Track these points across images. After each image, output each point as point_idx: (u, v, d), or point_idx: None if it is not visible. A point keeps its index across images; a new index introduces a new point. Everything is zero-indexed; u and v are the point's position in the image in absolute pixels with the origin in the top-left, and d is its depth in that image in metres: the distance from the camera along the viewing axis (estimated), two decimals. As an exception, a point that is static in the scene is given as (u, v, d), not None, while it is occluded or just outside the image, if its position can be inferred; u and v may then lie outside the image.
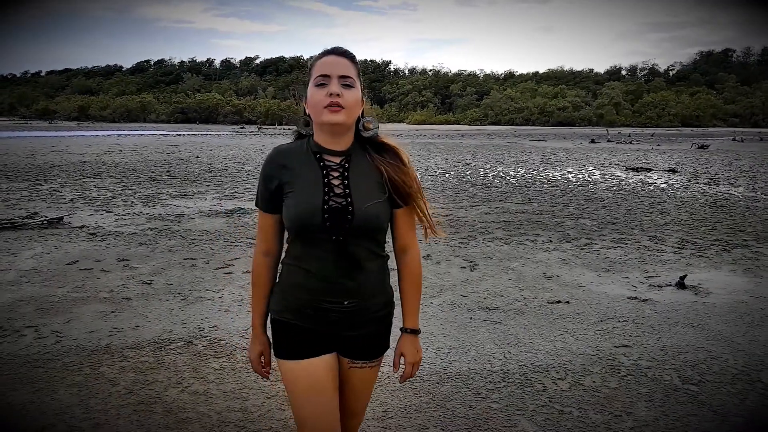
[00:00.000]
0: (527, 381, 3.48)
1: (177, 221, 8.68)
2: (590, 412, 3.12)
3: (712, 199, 11.65)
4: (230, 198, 11.20)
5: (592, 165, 19.71)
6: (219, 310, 4.70)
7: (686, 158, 23.12)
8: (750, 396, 3.30)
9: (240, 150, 26.37)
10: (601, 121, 77.66)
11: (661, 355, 3.87)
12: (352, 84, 1.67)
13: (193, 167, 17.68)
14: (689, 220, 9.16)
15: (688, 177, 15.92)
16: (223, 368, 3.61)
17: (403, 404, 3.18)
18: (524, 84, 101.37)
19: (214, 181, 13.98)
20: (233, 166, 18.23)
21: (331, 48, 1.72)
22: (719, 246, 7.25)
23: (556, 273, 5.93)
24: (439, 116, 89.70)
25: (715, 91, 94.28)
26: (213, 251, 6.72)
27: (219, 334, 4.17)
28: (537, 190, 12.80)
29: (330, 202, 1.67)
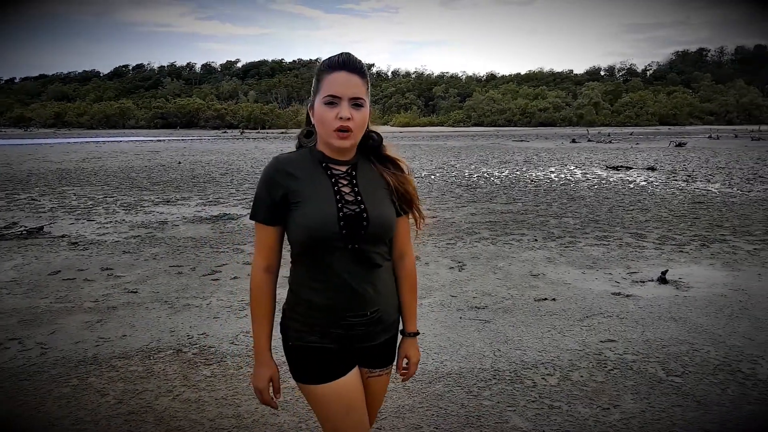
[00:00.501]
0: (517, 377, 3.53)
1: (161, 228, 8.62)
2: (579, 405, 3.18)
3: (690, 195, 11.84)
4: (214, 204, 11.15)
5: (574, 164, 19.92)
6: (207, 317, 4.69)
7: (664, 156, 23.46)
8: (731, 386, 3.38)
9: (223, 155, 26.24)
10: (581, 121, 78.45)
11: (645, 349, 3.94)
12: (362, 104, 1.64)
13: (175, 173, 17.56)
14: (669, 216, 9.31)
15: (666, 175, 16.16)
16: (214, 375, 3.61)
17: (396, 404, 3.21)
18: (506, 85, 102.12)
19: (197, 187, 13.90)
20: (216, 171, 18.14)
21: (342, 60, 1.64)
22: (698, 241, 7.39)
23: (542, 271, 6.01)
24: (422, 118, 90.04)
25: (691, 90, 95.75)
26: (199, 258, 6.70)
27: (209, 342, 4.16)
28: (521, 190, 12.91)
29: (344, 209, 1.64)
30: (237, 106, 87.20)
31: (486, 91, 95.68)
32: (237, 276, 5.87)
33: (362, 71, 1.65)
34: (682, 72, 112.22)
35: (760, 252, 6.74)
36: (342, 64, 1.63)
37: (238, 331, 4.32)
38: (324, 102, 1.61)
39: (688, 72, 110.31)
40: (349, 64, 1.63)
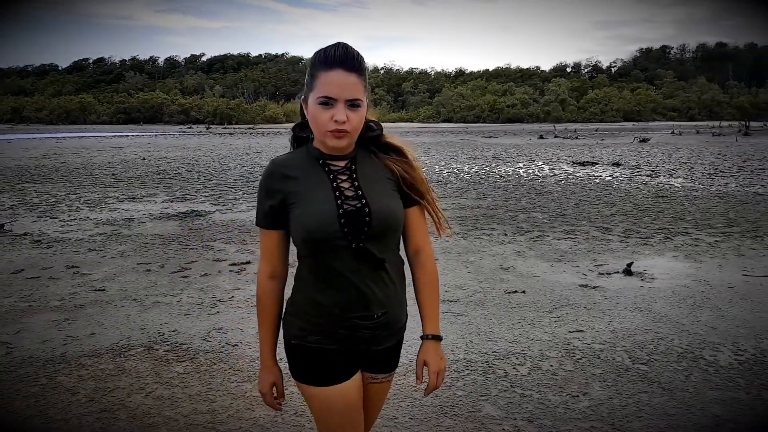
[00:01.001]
0: (489, 368, 3.60)
1: (127, 225, 8.48)
2: (549, 394, 3.26)
3: (653, 190, 12.15)
4: (181, 200, 11.00)
5: (542, 160, 20.22)
6: (178, 314, 4.64)
7: (629, 152, 23.98)
8: (694, 372, 3.50)
9: (189, 150, 25.86)
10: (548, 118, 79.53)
11: (612, 338, 4.05)
12: (359, 104, 1.54)
13: (139, 169, 17.25)
14: (633, 210, 9.54)
15: (631, 170, 16.53)
16: (187, 372, 3.58)
17: (369, 397, 3.23)
18: (474, 82, 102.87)
19: (163, 183, 13.68)
20: (182, 167, 17.88)
21: (338, 56, 1.52)
22: (662, 234, 7.60)
23: (512, 264, 6.10)
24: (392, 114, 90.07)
25: (654, 86, 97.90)
26: (167, 255, 6.62)
27: (180, 338, 4.12)
28: (490, 186, 13.06)
29: (344, 206, 1.56)
30: (202, 100, 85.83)
31: (455, 87, 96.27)
32: (207, 273, 5.81)
33: (360, 68, 1.55)
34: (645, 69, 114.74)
35: (720, 244, 6.96)
36: (338, 61, 1.52)
37: (210, 328, 4.30)
38: (318, 102, 1.53)
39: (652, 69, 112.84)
40: (345, 61, 1.52)
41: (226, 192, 12.13)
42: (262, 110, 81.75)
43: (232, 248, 6.91)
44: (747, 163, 18.06)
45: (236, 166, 18.38)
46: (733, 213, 9.11)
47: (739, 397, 3.18)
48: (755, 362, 3.63)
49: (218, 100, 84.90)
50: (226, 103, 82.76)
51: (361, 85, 1.55)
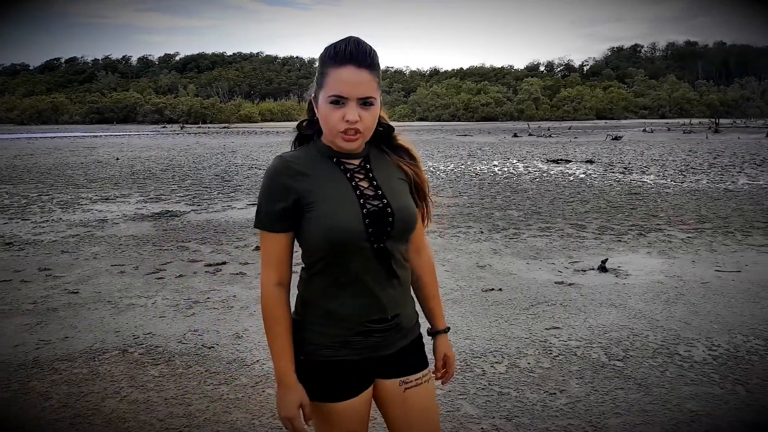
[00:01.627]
0: (467, 366, 3.61)
1: (100, 227, 8.33)
2: (527, 391, 3.28)
3: (626, 187, 12.33)
4: (156, 201, 10.84)
5: (516, 158, 20.38)
6: (153, 316, 4.57)
7: (602, 149, 24.30)
8: (669, 368, 3.56)
9: (163, 150, 25.51)
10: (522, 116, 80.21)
11: (588, 335, 4.10)
12: (372, 102, 1.45)
13: (113, 169, 16.97)
14: (607, 207, 9.67)
15: (604, 167, 16.75)
16: (162, 375, 3.53)
17: (348, 398, 3.22)
18: (449, 81, 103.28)
19: (137, 184, 13.48)
20: (157, 167, 17.63)
21: (349, 52, 1.43)
22: (635, 231, 7.71)
23: (488, 262, 6.14)
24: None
25: (626, 84, 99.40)
26: (142, 256, 6.51)
27: (155, 341, 4.06)
28: (466, 184, 13.12)
29: (366, 205, 1.48)
30: (176, 100, 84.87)
31: (430, 86, 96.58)
32: (182, 274, 5.74)
33: (372, 64, 1.45)
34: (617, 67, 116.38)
35: (693, 240, 7.09)
36: (350, 57, 1.42)
37: (186, 330, 4.24)
38: (329, 101, 1.43)
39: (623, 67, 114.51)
40: (357, 57, 1.42)
41: (201, 192, 11.99)
42: (237, 109, 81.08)
43: (208, 249, 6.83)
44: (717, 159, 18.44)
45: (211, 165, 18.18)
46: (705, 209, 9.29)
47: (713, 391, 3.24)
48: (729, 357, 3.70)
49: (192, 100, 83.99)
50: (201, 102, 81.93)
51: (374, 82, 1.46)
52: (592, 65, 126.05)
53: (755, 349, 3.82)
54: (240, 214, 9.33)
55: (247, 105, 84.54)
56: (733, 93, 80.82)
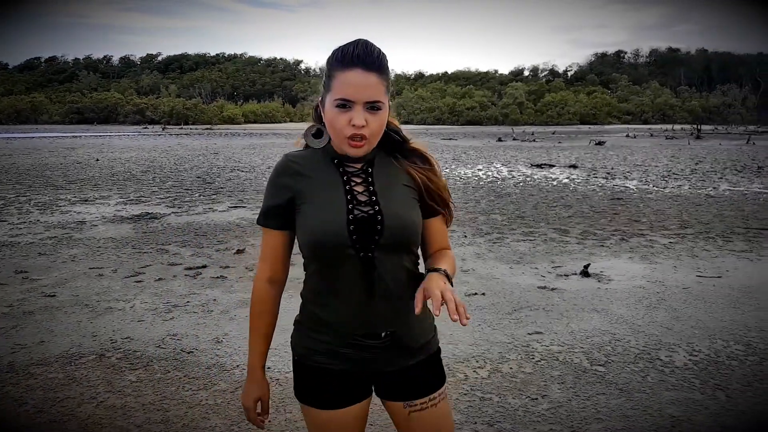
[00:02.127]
0: (450, 371, 3.59)
1: (79, 229, 8.20)
2: (509, 397, 3.26)
3: (609, 192, 12.42)
4: (136, 202, 10.70)
5: (500, 162, 20.47)
6: (131, 320, 4.49)
7: (585, 154, 24.50)
8: (651, 373, 3.56)
9: (144, 151, 25.25)
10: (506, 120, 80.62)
11: (570, 340, 4.10)
12: (380, 107, 1.40)
13: (93, 171, 16.74)
14: (590, 212, 9.73)
15: (587, 172, 16.88)
16: (140, 380, 3.46)
17: (329, 403, 3.18)
18: (434, 84, 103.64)
19: (117, 185, 13.31)
20: (137, 168, 17.44)
21: (357, 55, 1.39)
22: (618, 236, 7.76)
23: (472, 267, 6.13)
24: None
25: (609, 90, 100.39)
26: (120, 259, 6.41)
27: (133, 346, 3.99)
28: (450, 188, 13.05)
29: (354, 211, 1.43)
30: (158, 100, 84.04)
31: (415, 90, 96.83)
32: (161, 277, 5.65)
33: (381, 67, 1.41)
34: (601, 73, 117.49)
35: (675, 245, 7.15)
36: (357, 59, 1.38)
37: (165, 334, 4.17)
38: (335, 105, 1.39)
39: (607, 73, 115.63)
40: (365, 59, 1.39)
41: (182, 194, 11.87)
42: (219, 111, 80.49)
43: (188, 252, 6.75)
44: (699, 165, 18.67)
45: (193, 167, 18.02)
46: (687, 215, 9.38)
47: (694, 397, 3.25)
48: (709, 362, 3.73)
49: (174, 100, 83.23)
50: (183, 103, 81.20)
51: (382, 86, 1.41)
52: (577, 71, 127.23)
53: (735, 355, 3.84)
54: (221, 216, 9.24)
55: (230, 106, 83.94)
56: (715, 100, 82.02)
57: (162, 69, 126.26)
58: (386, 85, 1.43)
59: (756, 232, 7.91)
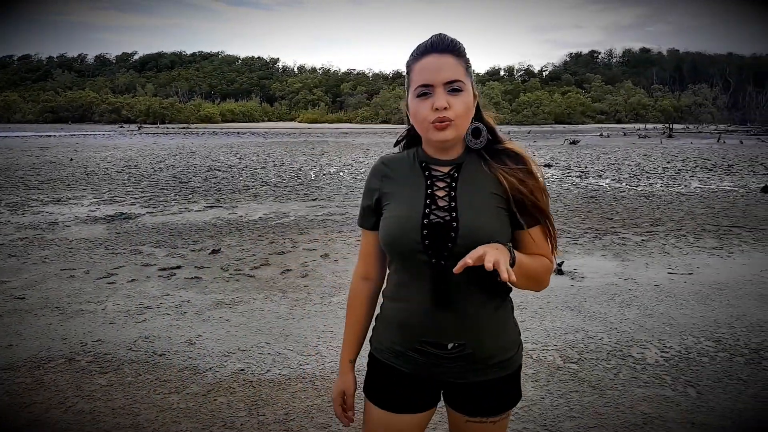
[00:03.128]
0: (424, 372, 3.58)
1: (51, 229, 8.04)
2: (484, 396, 3.27)
3: (583, 190, 12.56)
4: (110, 203, 10.54)
5: (477, 161, 20.58)
6: (103, 322, 4.41)
7: (560, 153, 24.75)
8: (623, 370, 3.60)
9: (119, 151, 24.88)
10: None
11: (543, 337, 4.13)
12: (461, 87, 1.37)
13: (67, 170, 16.44)
14: (564, 210, 9.82)
15: (561, 171, 17.05)
16: (110, 384, 3.40)
17: (305, 405, 3.16)
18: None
19: (91, 185, 13.09)
20: (112, 168, 17.17)
21: (429, 43, 1.39)
22: (591, 234, 7.85)
23: (448, 266, 6.14)
24: (330, 115, 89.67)
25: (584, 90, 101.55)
26: (93, 260, 6.30)
27: (104, 348, 3.92)
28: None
29: (431, 216, 1.39)
30: (134, 99, 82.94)
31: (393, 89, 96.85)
32: (134, 279, 5.57)
33: (456, 50, 1.38)
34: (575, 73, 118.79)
35: (647, 243, 7.25)
36: (430, 46, 1.38)
37: (136, 337, 4.10)
38: (416, 94, 1.38)
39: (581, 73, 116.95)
40: (438, 44, 1.38)
41: (158, 194, 11.71)
42: (196, 110, 79.68)
43: (162, 252, 6.66)
44: (671, 164, 18.97)
45: (168, 166, 17.81)
46: (659, 212, 9.52)
47: (665, 393, 3.29)
48: (680, 359, 3.78)
49: (151, 99, 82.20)
50: (159, 102, 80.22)
51: (460, 66, 1.38)
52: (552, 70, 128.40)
53: (705, 351, 3.91)
54: (197, 216, 9.14)
55: (207, 105, 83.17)
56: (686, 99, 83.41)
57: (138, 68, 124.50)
58: (465, 67, 1.40)
59: (726, 230, 8.06)
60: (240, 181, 14.08)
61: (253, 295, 5.08)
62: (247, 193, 11.83)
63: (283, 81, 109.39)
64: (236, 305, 4.82)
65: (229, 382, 3.41)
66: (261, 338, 4.10)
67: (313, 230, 8.01)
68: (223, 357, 3.77)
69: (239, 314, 4.60)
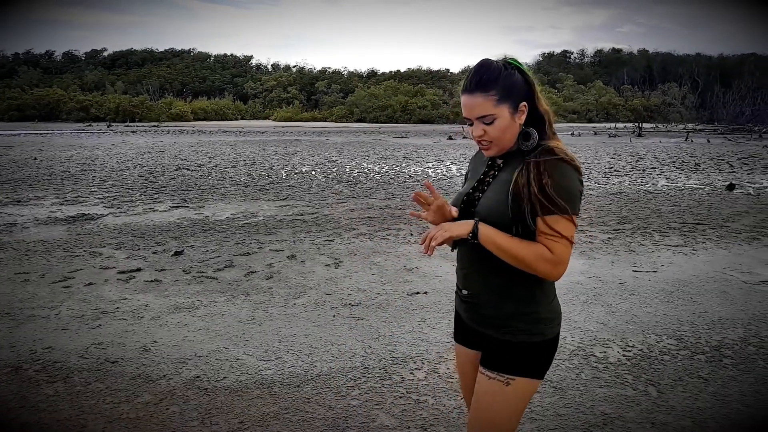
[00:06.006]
0: (386, 374, 3.52)
1: (8, 231, 7.78)
2: (444, 398, 3.22)
3: (554, 188, 12.61)
4: (72, 203, 10.25)
5: (450, 160, 20.59)
6: (55, 328, 4.25)
7: (533, 151, 24.89)
8: (585, 370, 3.58)
9: (86, 150, 24.32)
10: (457, 119, 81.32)
11: (509, 339, 4.08)
12: (491, 120, 1.72)
13: (29, 170, 16.00)
14: (535, 209, 9.83)
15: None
16: (57, 394, 3.26)
17: (260, 412, 3.07)
18: (387, 82, 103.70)
19: (54, 185, 12.74)
20: (77, 167, 16.76)
21: (464, 84, 1.75)
22: (560, 232, 7.85)
23: (416, 265, 6.09)
24: (305, 113, 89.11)
25: (556, 89, 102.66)
26: (50, 263, 6.10)
27: (54, 356, 3.76)
28: (400, 186, 13.11)
29: (475, 193, 1.85)
30: (103, 97, 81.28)
31: (368, 88, 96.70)
32: (92, 282, 5.40)
33: (480, 85, 1.71)
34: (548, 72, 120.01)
35: (613, 240, 7.29)
36: (464, 88, 1.75)
37: (89, 343, 3.96)
38: (466, 122, 1.79)
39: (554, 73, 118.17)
40: (467, 86, 1.73)
41: (123, 194, 11.44)
42: (168, 107, 78.48)
43: (123, 254, 6.48)
44: (639, 162, 19.22)
45: (136, 166, 17.46)
46: (626, 210, 9.61)
47: (626, 393, 3.27)
48: (642, 357, 3.77)
49: (120, 97, 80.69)
50: (129, 100, 78.82)
51: (488, 101, 1.71)
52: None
53: (667, 349, 3.91)
54: (161, 217, 8.94)
55: (178, 103, 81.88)
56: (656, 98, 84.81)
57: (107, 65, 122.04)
58: (495, 98, 1.71)
59: (691, 227, 8.16)
60: (209, 180, 13.85)
61: (214, 298, 4.96)
62: (216, 193, 11.63)
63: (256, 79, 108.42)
64: (196, 309, 4.69)
65: (183, 390, 3.30)
66: (219, 343, 3.99)
67: (282, 230, 7.89)
68: (178, 363, 3.65)
69: (198, 318, 4.47)
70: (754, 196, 11.48)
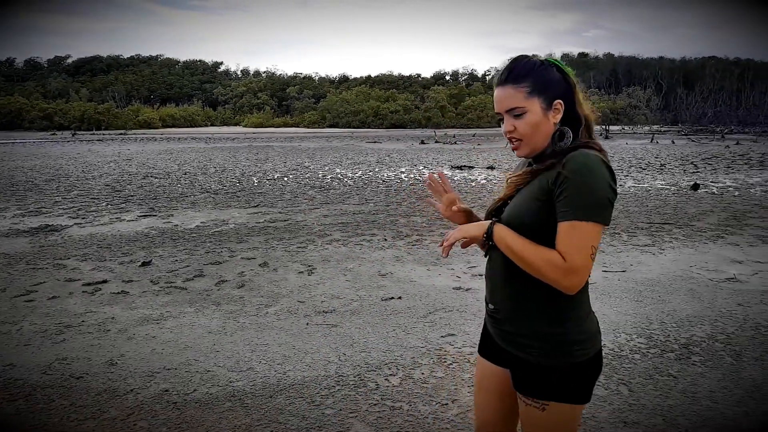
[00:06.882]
0: (361, 381, 3.48)
1: (-32, 244, 7.53)
2: (419, 404, 3.19)
3: (525, 191, 12.74)
4: (35, 214, 9.98)
5: (423, 165, 20.68)
6: (17, 344, 4.11)
7: (502, 156, 25.14)
8: (558, 371, 3.59)
9: (49, 159, 23.76)
10: (429, 123, 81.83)
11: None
12: (521, 112, 1.62)
13: (-9, 181, 15.55)
14: (506, 211, 9.91)
15: (504, 173, 17.28)
16: (18, 413, 3.14)
17: (232, 425, 3.00)
18: (358, 88, 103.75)
19: (16, 196, 12.40)
20: (40, 177, 16.35)
21: (496, 77, 1.69)
22: (532, 234, 7.92)
23: (390, 270, 6.07)
24: (276, 119, 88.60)
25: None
26: (12, 277, 5.91)
27: (15, 373, 3.63)
28: (373, 191, 13.09)
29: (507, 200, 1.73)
30: (68, 105, 79.63)
31: (339, 93, 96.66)
32: (56, 295, 5.24)
33: (512, 77, 1.63)
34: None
35: (582, 242, 7.36)
36: (496, 81, 1.68)
37: (53, 359, 3.83)
38: (497, 120, 1.70)
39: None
40: (499, 78, 1.67)
41: (88, 204, 11.19)
42: (135, 115, 77.25)
43: (88, 266, 6.31)
44: (606, 164, 19.54)
45: (102, 175, 17.11)
46: (595, 212, 9.72)
47: (598, 393, 3.29)
48: (613, 357, 3.81)
49: (85, 105, 79.12)
50: (94, 107, 77.31)
51: (519, 94, 1.62)
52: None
53: (638, 348, 3.95)
54: (129, 226, 8.76)
55: (146, 110, 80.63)
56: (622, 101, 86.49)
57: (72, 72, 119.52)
58: (526, 91, 1.61)
59: (658, 227, 8.31)
60: (178, 188, 13.64)
61: (183, 309, 4.86)
62: (185, 201, 11.45)
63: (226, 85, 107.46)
64: (164, 320, 4.59)
65: (152, 404, 3.21)
66: (189, 355, 3.90)
67: (253, 238, 7.79)
68: (146, 377, 3.56)
69: (167, 330, 4.37)
70: (717, 195, 11.76)
